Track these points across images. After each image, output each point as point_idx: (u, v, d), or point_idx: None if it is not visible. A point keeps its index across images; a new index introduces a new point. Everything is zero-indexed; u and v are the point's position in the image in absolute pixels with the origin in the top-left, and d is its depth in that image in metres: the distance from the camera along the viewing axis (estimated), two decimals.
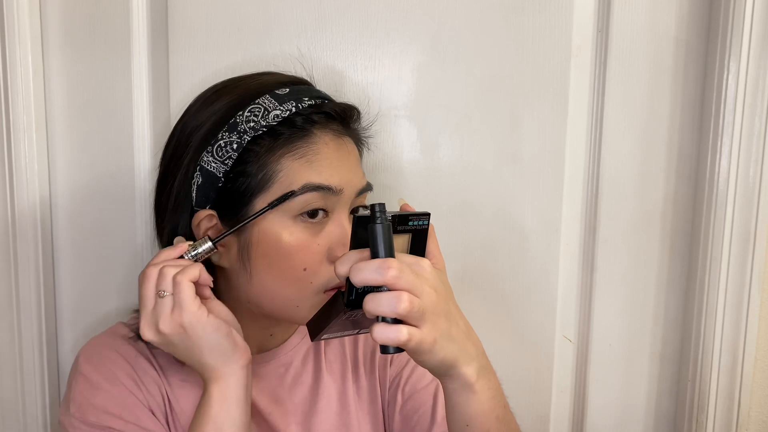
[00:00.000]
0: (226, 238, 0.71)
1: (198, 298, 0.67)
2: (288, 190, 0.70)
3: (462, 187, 1.00)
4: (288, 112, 0.72)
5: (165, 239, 0.76)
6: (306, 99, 0.73)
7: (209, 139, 0.72)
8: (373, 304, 0.57)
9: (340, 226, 0.73)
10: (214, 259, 0.74)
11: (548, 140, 1.00)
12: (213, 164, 0.71)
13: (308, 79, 0.81)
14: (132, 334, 0.76)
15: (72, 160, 0.97)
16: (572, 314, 1.05)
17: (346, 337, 0.85)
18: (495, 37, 0.97)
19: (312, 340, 0.66)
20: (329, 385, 0.83)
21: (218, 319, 0.67)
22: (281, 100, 0.72)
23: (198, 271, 0.67)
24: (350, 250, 0.60)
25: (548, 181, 1.01)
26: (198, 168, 0.72)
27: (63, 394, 0.81)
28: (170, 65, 0.94)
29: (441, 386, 0.83)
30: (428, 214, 0.63)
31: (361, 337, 0.86)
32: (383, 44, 0.96)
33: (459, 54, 0.97)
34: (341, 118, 0.76)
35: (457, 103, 0.98)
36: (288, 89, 0.74)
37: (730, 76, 0.94)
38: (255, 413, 0.78)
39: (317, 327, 0.65)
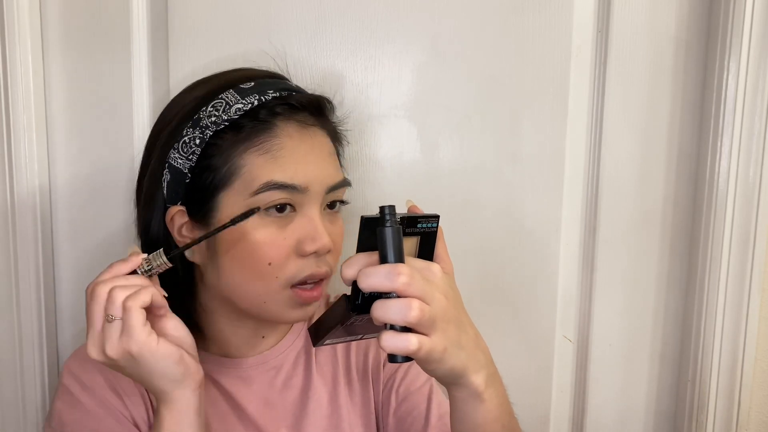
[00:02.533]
0: (191, 227, 0.71)
1: (148, 324, 0.63)
2: (251, 186, 0.69)
3: (462, 187, 1.00)
4: (250, 105, 0.71)
5: (140, 232, 0.76)
6: (271, 91, 0.73)
7: (176, 136, 0.72)
8: (382, 311, 0.55)
9: (310, 220, 0.71)
10: (188, 254, 0.74)
11: (548, 140, 1.00)
12: (179, 160, 0.72)
13: (283, 74, 0.80)
14: None
15: (72, 159, 0.97)
16: (572, 314, 1.05)
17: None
18: (495, 37, 0.97)
19: (314, 345, 0.64)
20: (320, 389, 0.82)
21: (169, 345, 0.64)
22: (244, 93, 0.72)
23: (149, 296, 0.64)
24: (357, 252, 0.58)
25: (548, 181, 1.01)
26: (167, 165, 0.72)
27: (50, 403, 0.82)
28: (170, 65, 0.94)
29: (435, 388, 0.83)
30: (437, 216, 0.62)
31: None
32: (383, 44, 0.96)
33: (459, 54, 0.97)
34: (310, 110, 0.75)
35: (457, 103, 0.98)
36: (253, 83, 0.74)
37: (730, 76, 0.94)
38: (245, 417, 0.78)
39: (320, 332, 0.63)
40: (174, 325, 0.67)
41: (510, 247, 1.02)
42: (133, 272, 0.66)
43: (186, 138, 0.72)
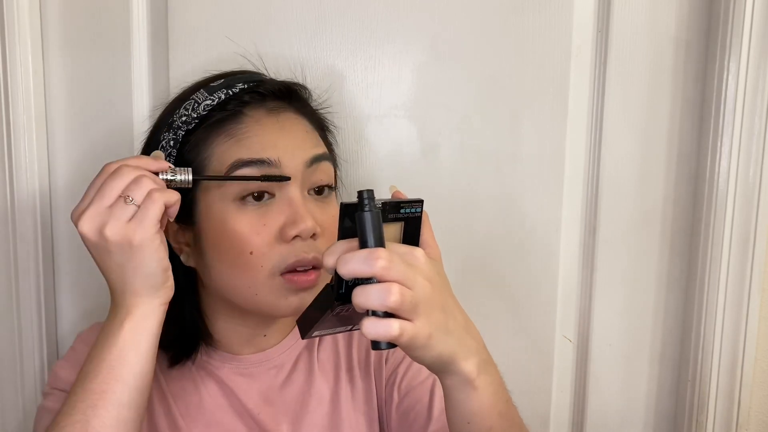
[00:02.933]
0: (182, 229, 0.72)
1: (159, 223, 0.62)
2: (220, 171, 0.69)
3: (462, 187, 1.00)
4: (218, 100, 0.72)
5: None
6: (240, 84, 0.73)
7: (156, 143, 0.74)
8: (362, 297, 0.53)
9: (289, 202, 0.70)
10: (183, 259, 0.74)
11: (548, 140, 1.00)
12: None
13: (259, 71, 0.80)
14: None
15: (72, 158, 0.97)
16: (572, 314, 1.05)
17: (340, 338, 0.84)
18: (495, 37, 0.97)
19: (303, 337, 0.62)
20: (321, 386, 0.82)
21: (165, 250, 0.63)
22: (212, 90, 0.73)
23: (176, 198, 0.63)
24: (338, 240, 0.56)
25: (548, 181, 1.01)
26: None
27: None
28: (170, 65, 0.94)
29: (438, 382, 0.82)
30: (421, 201, 0.60)
31: (356, 337, 0.85)
32: (383, 44, 0.96)
33: (459, 54, 0.97)
34: (280, 96, 0.75)
35: (457, 103, 0.98)
36: (222, 80, 0.74)
37: (730, 76, 0.94)
38: (244, 413, 0.78)
39: (307, 324, 0.61)
40: (164, 239, 0.65)
41: (510, 247, 1.02)
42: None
43: (163, 143, 0.73)
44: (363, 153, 0.98)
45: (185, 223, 0.73)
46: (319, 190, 0.74)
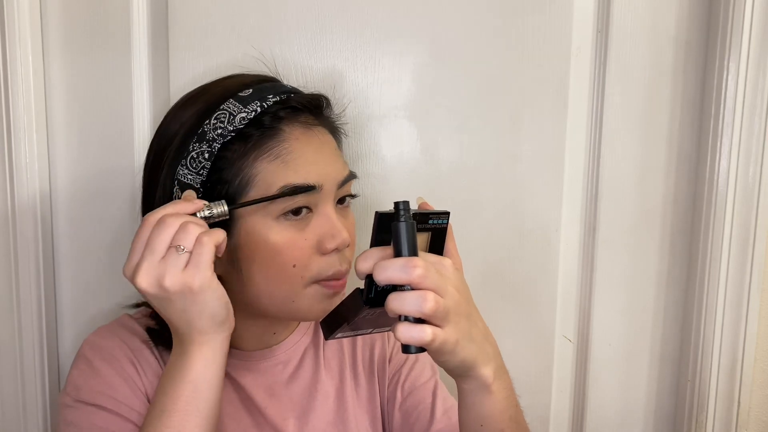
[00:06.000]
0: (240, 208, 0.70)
1: (212, 264, 0.65)
2: (267, 193, 0.70)
3: (462, 187, 1.00)
4: (253, 113, 0.71)
5: None
6: (270, 96, 0.73)
7: (182, 151, 0.72)
8: (398, 303, 0.57)
9: (327, 217, 0.72)
10: None
11: (548, 140, 1.00)
12: (189, 176, 0.71)
13: (274, 76, 0.80)
14: (138, 327, 0.77)
15: (72, 159, 0.97)
16: (572, 314, 1.05)
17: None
18: (495, 37, 0.97)
19: (326, 338, 0.65)
20: (327, 383, 0.83)
21: (222, 287, 0.66)
22: (245, 102, 0.72)
23: (223, 236, 0.65)
24: (371, 247, 0.59)
25: (548, 181, 1.01)
26: (176, 182, 0.72)
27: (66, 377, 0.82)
28: (170, 65, 0.94)
29: (440, 383, 0.84)
30: (448, 213, 0.64)
31: (361, 336, 0.86)
32: (383, 44, 0.96)
33: (459, 54, 0.97)
34: (309, 109, 0.76)
35: (457, 103, 0.98)
36: (251, 90, 0.74)
37: (730, 76, 0.94)
38: (252, 407, 0.79)
39: (332, 325, 0.64)
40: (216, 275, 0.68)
41: (510, 247, 1.02)
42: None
43: (194, 153, 0.71)
44: (362, 153, 0.98)
45: None
46: (341, 200, 0.76)
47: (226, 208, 0.67)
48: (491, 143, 0.99)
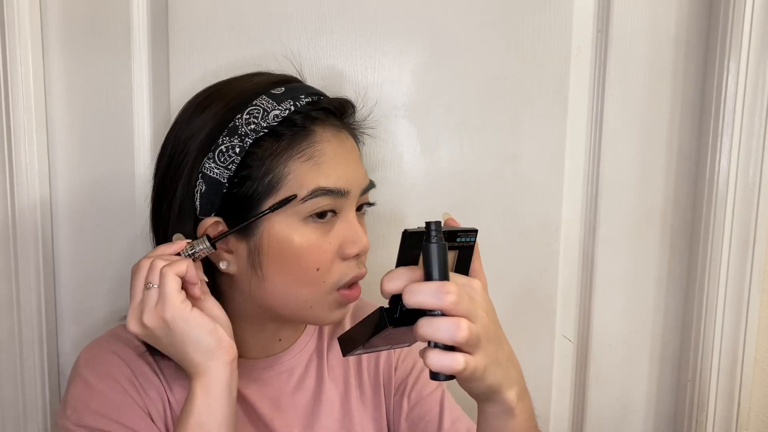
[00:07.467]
0: (227, 238, 0.70)
1: (183, 293, 0.66)
2: (298, 194, 0.69)
3: (462, 187, 1.00)
4: (287, 111, 0.71)
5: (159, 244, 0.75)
6: (303, 96, 0.72)
7: (209, 144, 0.70)
8: (430, 329, 0.54)
9: (349, 223, 0.73)
10: (222, 266, 0.73)
11: (548, 140, 1.00)
12: (216, 170, 0.70)
13: (298, 77, 0.80)
14: (132, 338, 0.75)
15: (72, 160, 0.97)
16: (572, 314, 1.05)
17: None
18: (495, 37, 0.97)
19: (344, 355, 0.64)
20: (332, 391, 0.82)
21: (202, 315, 0.66)
22: (278, 99, 0.71)
23: (185, 266, 0.66)
24: (397, 266, 0.57)
25: (548, 181, 1.01)
26: (200, 175, 0.71)
27: (63, 394, 0.82)
28: (170, 65, 0.94)
29: (447, 394, 0.83)
30: (476, 231, 0.61)
31: None
32: (383, 44, 0.96)
33: (459, 54, 0.97)
34: (338, 113, 0.76)
35: (457, 103, 0.98)
36: (283, 88, 0.73)
37: (730, 76, 0.94)
38: (256, 419, 0.78)
39: (352, 343, 0.62)
40: (211, 305, 0.70)
41: (510, 247, 1.02)
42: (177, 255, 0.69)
43: (223, 147, 0.70)
44: (363, 153, 0.98)
45: (237, 233, 0.71)
46: (359, 207, 0.77)
47: (207, 243, 0.69)
48: (491, 143, 0.99)
